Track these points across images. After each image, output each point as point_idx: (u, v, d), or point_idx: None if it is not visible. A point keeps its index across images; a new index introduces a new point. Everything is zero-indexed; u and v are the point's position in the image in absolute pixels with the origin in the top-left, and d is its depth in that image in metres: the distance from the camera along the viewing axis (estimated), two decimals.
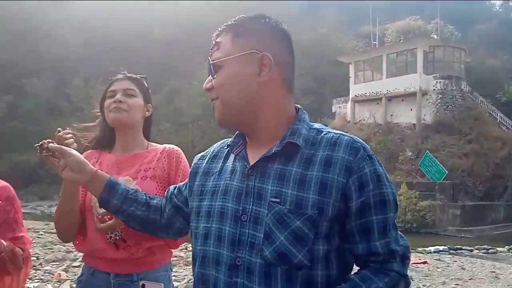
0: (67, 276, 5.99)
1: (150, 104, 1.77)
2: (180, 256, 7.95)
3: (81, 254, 5.63)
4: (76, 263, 6.85)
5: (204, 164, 1.23)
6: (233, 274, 1.04)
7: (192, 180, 1.23)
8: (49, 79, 33.12)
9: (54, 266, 6.78)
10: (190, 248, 1.25)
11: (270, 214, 1.02)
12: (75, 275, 6.04)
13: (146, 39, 35.41)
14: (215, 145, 1.28)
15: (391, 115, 25.57)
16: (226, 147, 1.20)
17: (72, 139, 1.47)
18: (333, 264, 1.04)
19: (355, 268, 1.09)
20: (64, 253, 7.77)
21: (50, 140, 1.29)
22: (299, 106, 1.17)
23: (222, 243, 1.07)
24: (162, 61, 34.33)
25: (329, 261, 1.03)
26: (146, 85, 1.78)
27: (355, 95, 27.53)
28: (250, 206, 1.05)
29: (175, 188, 1.35)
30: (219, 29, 1.13)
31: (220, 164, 1.18)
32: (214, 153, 1.24)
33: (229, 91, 1.09)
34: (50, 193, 25.41)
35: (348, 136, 1.08)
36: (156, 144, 1.79)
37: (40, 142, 1.28)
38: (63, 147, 1.29)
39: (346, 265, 1.08)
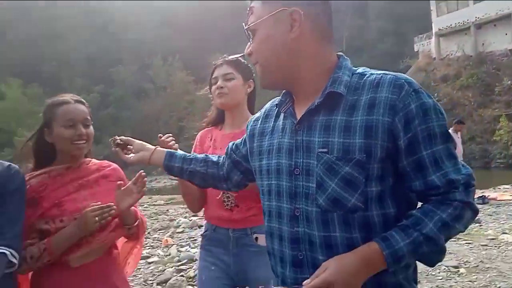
0: (173, 241, 6.52)
1: (252, 80, 1.94)
2: None
3: (183, 221, 6.07)
4: (179, 229, 7.42)
5: (258, 125, 1.29)
6: (294, 224, 1.11)
7: (250, 142, 1.31)
8: (132, 65, 35.11)
9: (161, 233, 7.39)
10: None
11: (320, 164, 1.05)
12: (180, 240, 6.59)
13: (216, 12, 35.71)
14: (266, 105, 1.33)
15: (483, 44, 23.30)
16: (275, 106, 1.24)
17: (173, 141, 1.72)
18: (389, 203, 1.04)
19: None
20: (168, 222, 8.44)
21: (115, 137, 1.55)
22: (341, 53, 1.16)
23: (282, 197, 1.14)
24: (235, 30, 34.50)
25: (383, 201, 1.04)
26: (245, 62, 1.93)
27: (439, 29, 25.43)
28: (301, 160, 1.10)
29: (233, 144, 1.45)
30: None
31: (272, 123, 1.24)
32: (266, 113, 1.30)
33: (265, 54, 1.12)
34: (150, 170, 27.44)
35: (392, 75, 1.06)
36: None
37: (113, 138, 1.54)
38: (129, 138, 1.53)
39: (408, 203, 1.07)
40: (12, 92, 28.01)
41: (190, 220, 7.90)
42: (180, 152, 1.50)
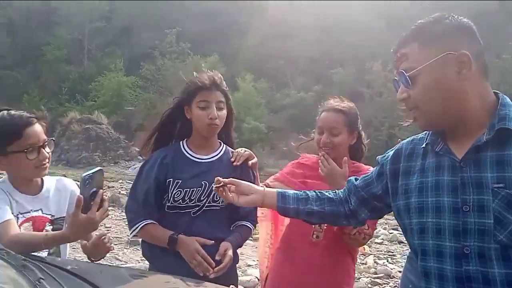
0: (370, 251, 6.39)
1: None
2: None
3: (382, 232, 6.03)
4: (378, 240, 7.21)
5: (401, 165, 1.29)
6: (462, 262, 1.09)
7: (393, 181, 1.30)
8: (351, 67, 35.68)
9: None
10: None
11: (497, 200, 1.05)
12: (378, 251, 6.50)
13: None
14: (403, 144, 1.34)
15: None
16: (423, 145, 1.24)
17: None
18: None
19: None
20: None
21: (218, 178, 1.48)
22: (497, 91, 1.17)
23: (443, 235, 1.13)
24: None
25: None
26: None
27: None
28: (471, 197, 1.09)
29: (356, 180, 1.45)
30: (400, 41, 1.17)
31: (419, 161, 1.24)
32: (407, 152, 1.29)
33: (431, 99, 1.12)
34: None
35: None
36: None
37: (217, 178, 1.47)
38: (233, 180, 1.47)
39: None
40: (246, 85, 31.91)
41: (391, 233, 7.59)
42: (290, 191, 1.49)
